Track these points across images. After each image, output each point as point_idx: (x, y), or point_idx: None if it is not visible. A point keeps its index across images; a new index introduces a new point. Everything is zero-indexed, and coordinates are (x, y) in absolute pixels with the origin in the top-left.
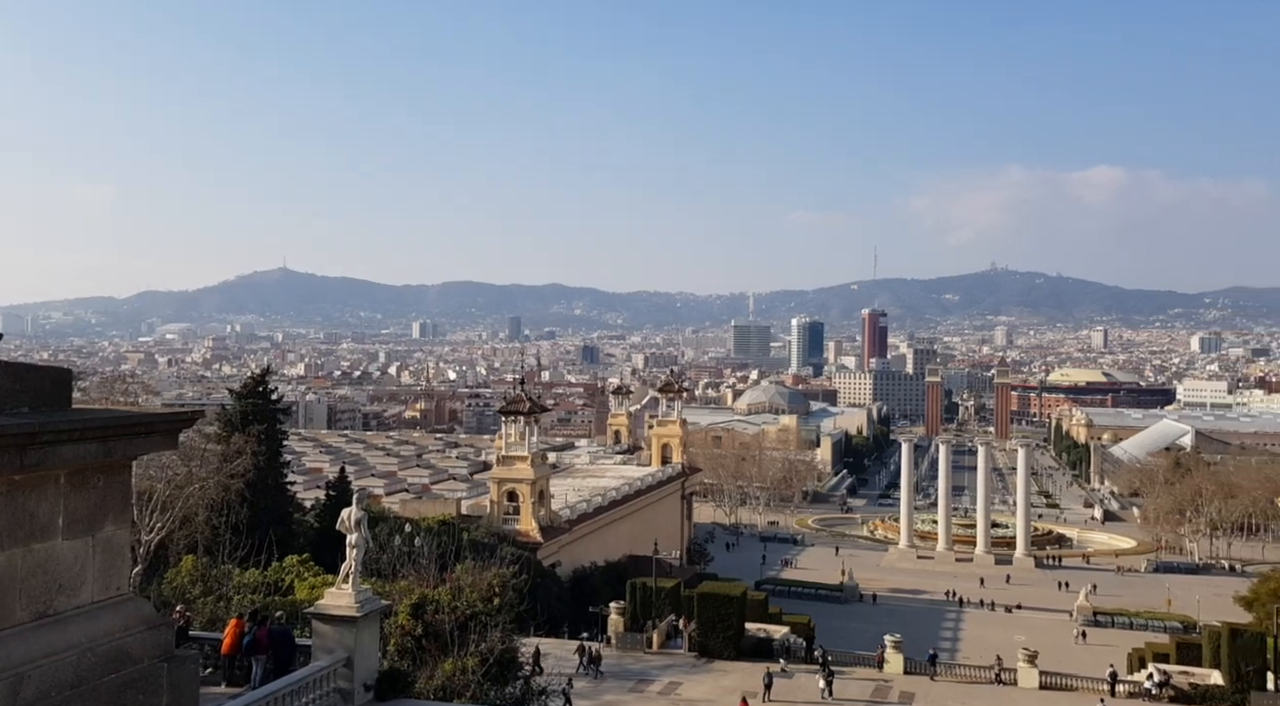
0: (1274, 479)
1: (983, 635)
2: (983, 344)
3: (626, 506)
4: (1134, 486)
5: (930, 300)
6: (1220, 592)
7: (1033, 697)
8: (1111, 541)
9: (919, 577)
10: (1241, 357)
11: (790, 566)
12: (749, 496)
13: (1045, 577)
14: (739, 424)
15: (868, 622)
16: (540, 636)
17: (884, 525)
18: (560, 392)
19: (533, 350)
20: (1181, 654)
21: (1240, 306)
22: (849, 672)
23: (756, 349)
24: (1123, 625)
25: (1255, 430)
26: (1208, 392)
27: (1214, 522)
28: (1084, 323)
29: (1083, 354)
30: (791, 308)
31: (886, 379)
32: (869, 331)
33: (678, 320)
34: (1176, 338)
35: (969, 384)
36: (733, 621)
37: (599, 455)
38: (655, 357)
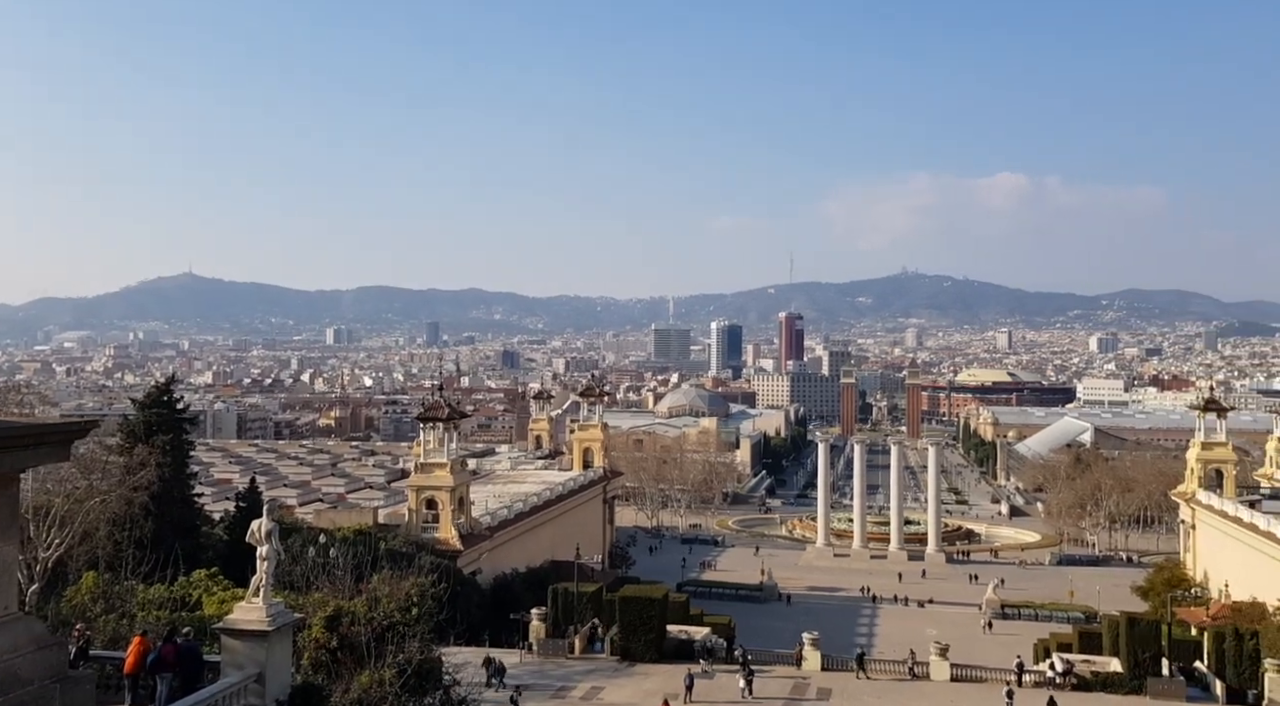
0: (1167, 473)
1: (897, 630)
2: (895, 345)
3: (548, 512)
4: (1038, 482)
5: (844, 303)
6: (1119, 583)
7: (945, 689)
8: (1018, 536)
9: (836, 575)
10: (1136, 357)
11: (711, 568)
12: (670, 499)
13: (956, 572)
14: (660, 427)
15: (787, 621)
16: (460, 645)
17: (802, 524)
18: (480, 398)
19: (451, 355)
20: (1084, 643)
21: (1135, 308)
22: (769, 671)
23: (677, 352)
24: (1029, 617)
25: (1150, 426)
26: (1105, 391)
27: (1113, 516)
28: (990, 324)
29: (989, 354)
30: (711, 311)
31: (803, 381)
32: (786, 334)
33: (599, 324)
34: (1076, 338)
35: (882, 384)
36: (654, 624)
37: (520, 460)
38: (576, 362)
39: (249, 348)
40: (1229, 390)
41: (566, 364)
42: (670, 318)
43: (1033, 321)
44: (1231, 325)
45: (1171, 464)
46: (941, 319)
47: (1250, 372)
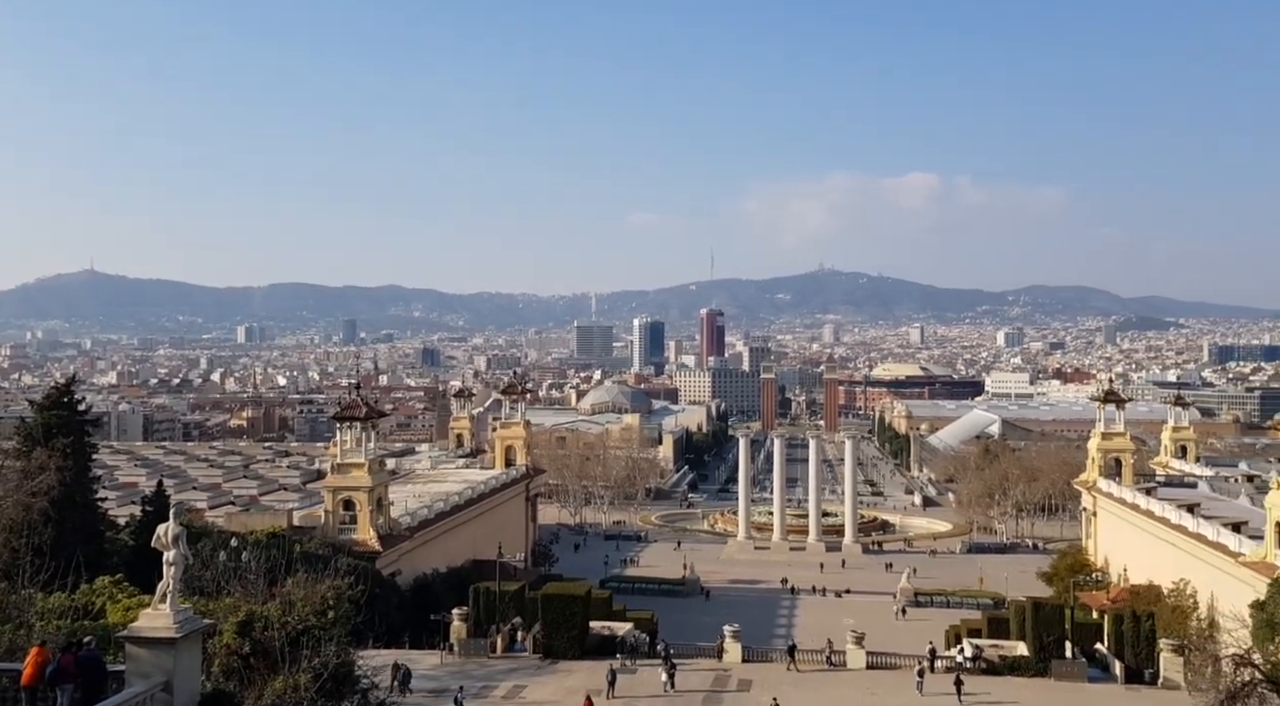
0: (1070, 462)
1: (815, 620)
2: (813, 341)
3: (469, 511)
4: (949, 473)
5: (764, 300)
6: (1026, 569)
7: (860, 677)
8: (930, 525)
9: (757, 568)
10: (1041, 351)
11: (633, 564)
12: (593, 496)
13: (872, 562)
14: (583, 424)
15: (708, 614)
16: (379, 648)
17: (723, 518)
18: (399, 397)
19: (369, 353)
20: (992, 628)
21: (1039, 304)
22: (691, 664)
23: (599, 349)
24: (941, 604)
25: (1054, 418)
26: (1012, 384)
27: (1019, 504)
28: (903, 320)
29: (903, 349)
30: (633, 308)
31: (724, 376)
32: (707, 330)
33: (520, 321)
34: (984, 333)
35: (801, 380)
36: (577, 621)
37: (441, 459)
38: (498, 359)
39: (155, 347)
40: (1127, 382)
41: (488, 361)
42: (593, 314)
43: (944, 317)
44: (1129, 320)
45: (1074, 453)
46: (857, 315)
47: (1146, 365)
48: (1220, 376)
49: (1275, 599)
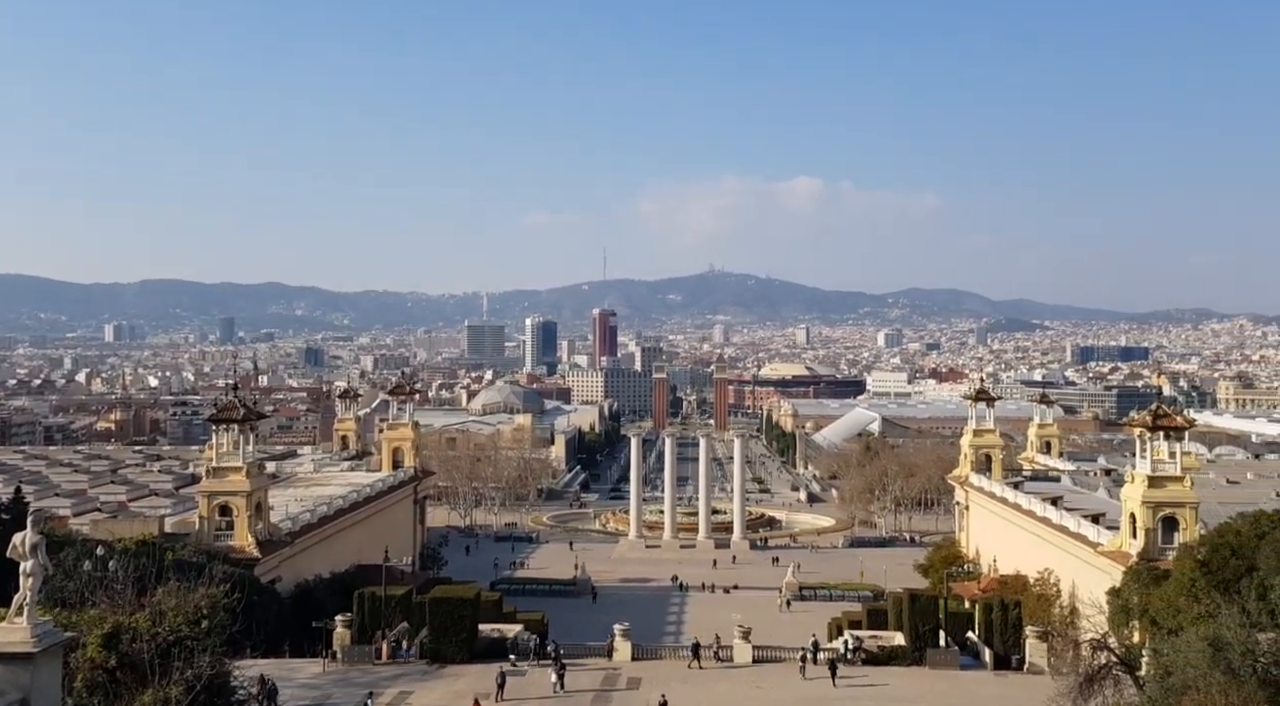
0: (945, 458)
1: (704, 616)
2: (704, 341)
3: (355, 514)
4: (833, 470)
5: (656, 300)
6: (903, 562)
7: (747, 670)
8: (815, 521)
9: (648, 566)
10: (918, 351)
11: (524, 565)
12: (484, 497)
13: (760, 558)
14: (474, 425)
15: (600, 614)
16: (256, 657)
17: (615, 518)
18: (281, 398)
19: (248, 353)
20: (872, 619)
21: (916, 306)
22: (581, 664)
23: (491, 349)
24: (824, 597)
25: (930, 416)
26: (892, 383)
27: (898, 499)
28: (790, 321)
29: (789, 350)
30: (525, 307)
31: (617, 376)
32: (600, 330)
33: (409, 320)
34: (866, 334)
35: (692, 379)
36: (466, 624)
37: (325, 462)
38: (386, 359)
39: (14, 345)
40: (997, 381)
41: (375, 361)
42: (484, 314)
43: (828, 318)
44: (999, 322)
45: (949, 450)
46: (746, 316)
47: (1015, 365)
48: (1081, 376)
49: (1130, 586)
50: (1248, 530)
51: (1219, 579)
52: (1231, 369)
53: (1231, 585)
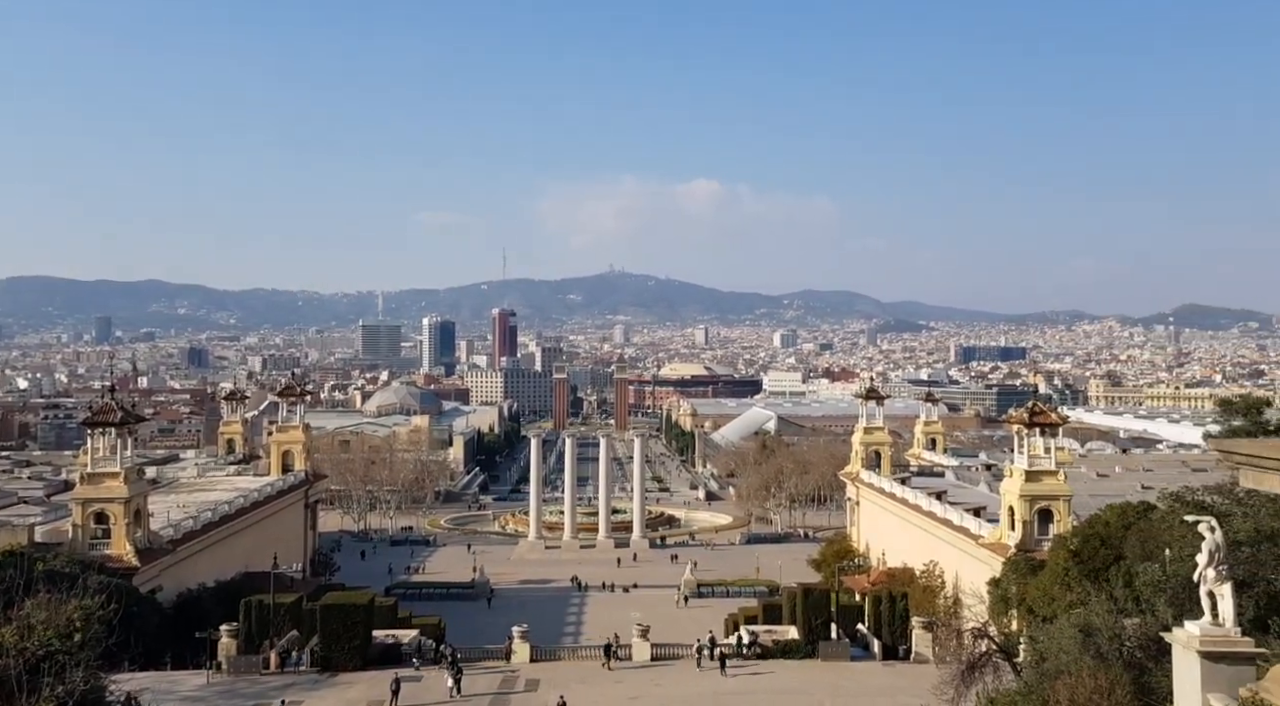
0: (837, 455)
1: (604, 616)
2: (604, 341)
3: (241, 520)
4: (730, 468)
5: (556, 300)
6: (798, 558)
7: (645, 668)
8: (713, 519)
9: (547, 567)
10: (812, 351)
11: (420, 569)
12: (380, 501)
13: (659, 556)
14: (368, 426)
15: (498, 616)
16: (135, 671)
17: (514, 519)
18: (162, 400)
19: (126, 354)
20: (767, 614)
21: (810, 307)
22: (478, 667)
23: (387, 349)
24: (721, 594)
25: (823, 414)
26: (787, 383)
27: (793, 496)
28: (689, 322)
29: (689, 350)
30: (423, 307)
31: (517, 377)
32: (499, 330)
33: (300, 320)
34: (762, 335)
35: (592, 380)
36: (359, 630)
37: (209, 467)
38: (275, 360)
39: None
40: (886, 381)
41: (264, 362)
42: (379, 313)
43: (726, 319)
44: (888, 323)
45: (841, 447)
46: (646, 316)
47: (903, 364)
48: (964, 375)
49: (1008, 576)
50: (1116, 521)
51: (1090, 568)
52: (1101, 368)
53: (1101, 573)
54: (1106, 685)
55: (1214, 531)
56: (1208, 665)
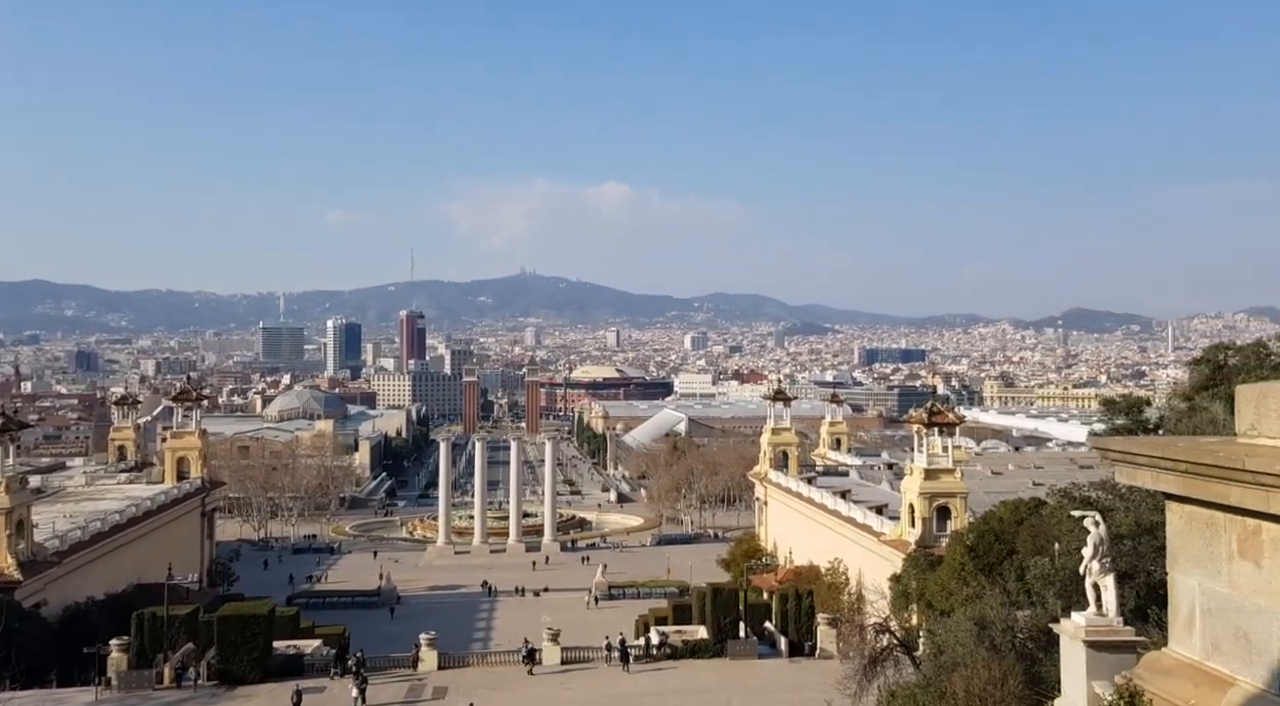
0: (746, 456)
1: (514, 620)
2: (515, 344)
3: (133, 530)
4: (642, 470)
5: (466, 302)
6: (708, 558)
7: (556, 672)
8: (624, 520)
9: (457, 573)
10: (722, 354)
11: (323, 578)
12: (282, 508)
13: (570, 559)
14: (270, 432)
15: (406, 624)
16: (16, 689)
17: (423, 524)
18: (48, 406)
19: (9, 357)
20: (677, 615)
21: (720, 310)
22: (385, 676)
23: (289, 352)
24: (632, 595)
25: (733, 416)
26: (698, 385)
27: (703, 497)
28: (601, 324)
29: (600, 352)
30: (327, 308)
31: (426, 380)
32: (407, 333)
33: (196, 322)
34: (673, 337)
35: (503, 382)
36: (259, 641)
37: (99, 475)
38: (170, 363)
39: None
40: (793, 382)
41: (158, 365)
42: (281, 315)
43: (637, 321)
44: (795, 325)
45: (750, 448)
46: (558, 318)
47: (809, 366)
48: (868, 376)
49: (909, 572)
50: (1009, 517)
51: (985, 562)
52: (996, 369)
53: (995, 568)
54: (1000, 676)
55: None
56: (1093, 654)
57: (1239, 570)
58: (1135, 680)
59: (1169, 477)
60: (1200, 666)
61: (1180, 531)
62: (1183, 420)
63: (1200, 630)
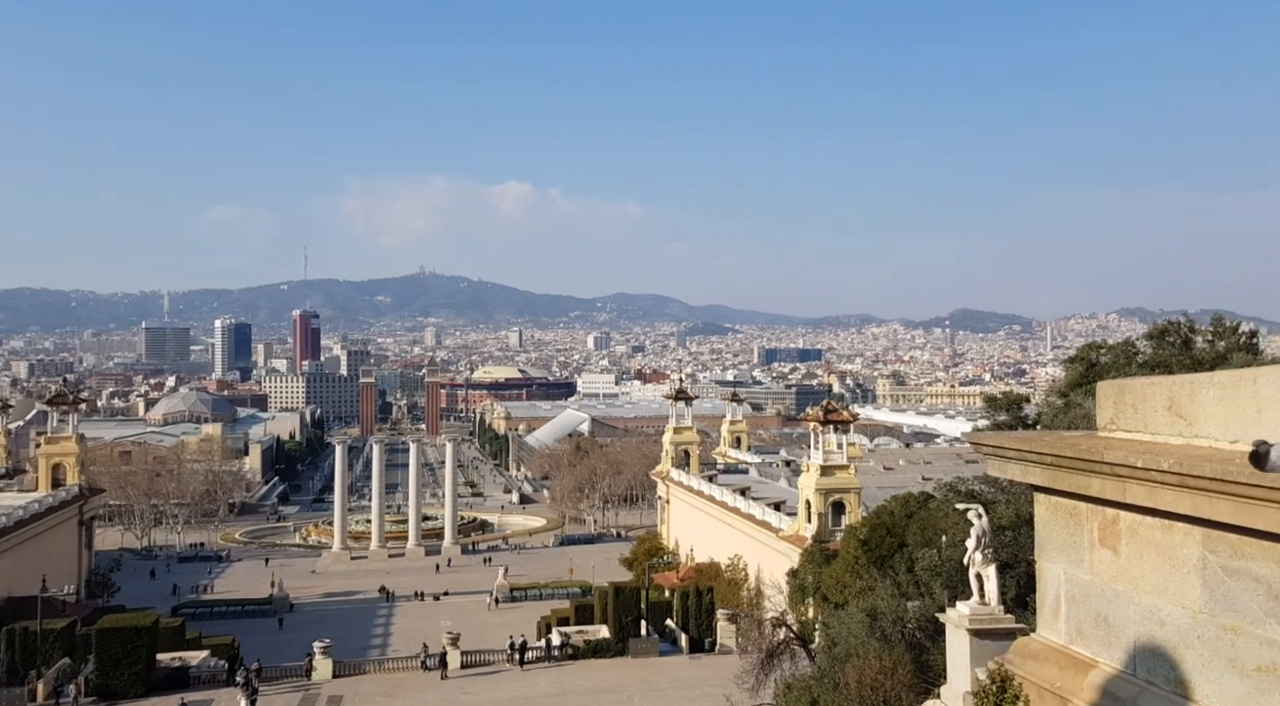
0: (649, 455)
1: (414, 626)
2: (414, 344)
3: (3, 541)
4: (545, 470)
5: (363, 302)
6: (611, 557)
7: (456, 677)
8: (526, 522)
9: (354, 578)
10: (625, 354)
11: (210, 588)
12: (166, 515)
13: (472, 562)
14: (153, 436)
15: (300, 632)
16: None
17: (318, 530)
18: None
19: None
20: (579, 615)
21: (623, 310)
22: (276, 687)
23: (174, 353)
24: (534, 597)
25: (635, 415)
26: (601, 385)
27: (606, 496)
28: (503, 324)
29: (502, 353)
30: (215, 308)
31: (320, 381)
32: (301, 333)
33: (74, 322)
34: (576, 337)
35: (402, 383)
36: (142, 654)
37: None
38: (45, 365)
39: None
40: (695, 382)
41: (31, 367)
42: (166, 315)
43: (540, 321)
44: (696, 325)
45: (652, 447)
46: (459, 318)
47: (710, 366)
48: (767, 376)
49: (805, 566)
50: (900, 510)
51: (877, 555)
52: (888, 368)
53: (887, 560)
54: (890, 665)
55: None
56: (976, 641)
57: (1099, 558)
58: (1006, 665)
59: (1036, 470)
60: (1065, 650)
61: (1047, 522)
62: (1058, 416)
63: (1065, 616)
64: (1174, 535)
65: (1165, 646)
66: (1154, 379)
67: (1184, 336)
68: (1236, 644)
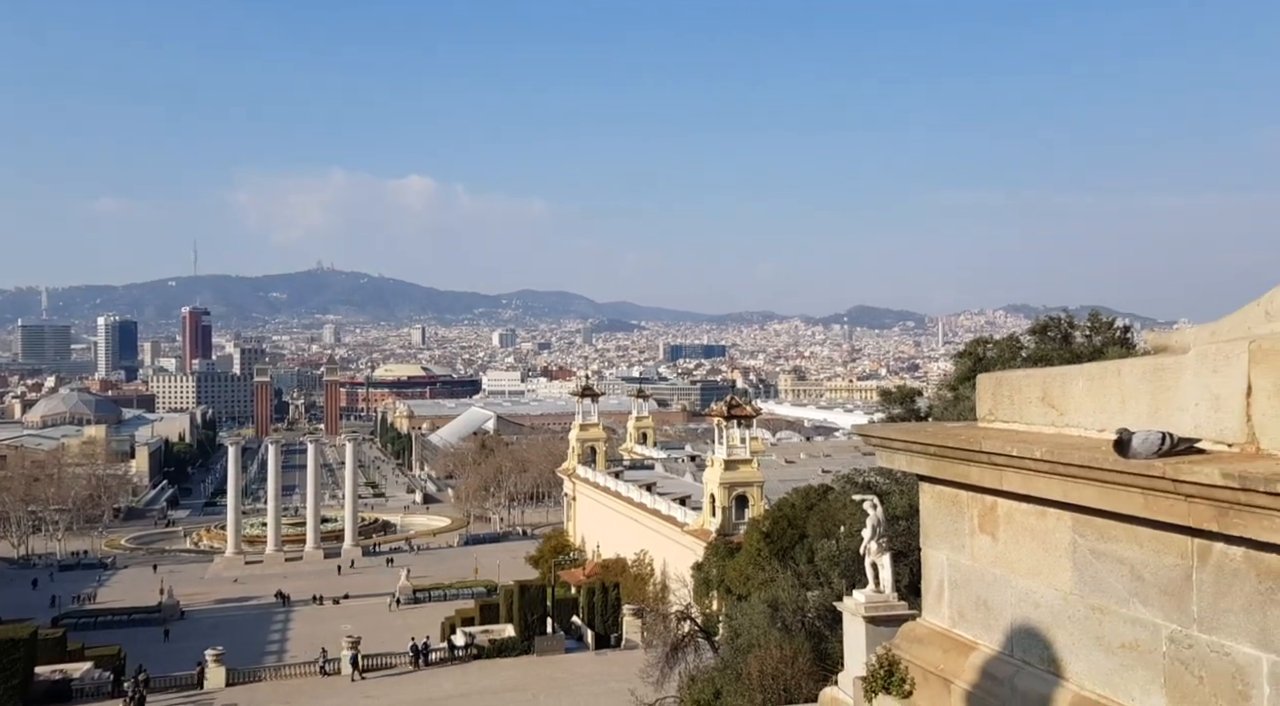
0: (555, 453)
1: (312, 630)
2: (312, 342)
3: None
4: (449, 469)
5: (257, 298)
6: (517, 556)
7: (356, 681)
8: (430, 522)
9: (249, 584)
10: (531, 351)
11: (93, 597)
12: (46, 522)
13: (373, 564)
14: (30, 439)
15: (191, 640)
16: None
17: (210, 534)
18: None
19: None
20: (484, 614)
21: (529, 307)
22: (167, 696)
23: (53, 352)
24: (439, 597)
25: (542, 412)
26: (506, 382)
27: (512, 495)
28: (405, 321)
29: (405, 350)
30: (98, 305)
31: (212, 381)
32: (190, 331)
33: None
34: (481, 334)
35: (299, 382)
36: (18, 668)
37: None
38: None
39: None
40: (601, 378)
41: None
42: (44, 312)
43: (444, 318)
44: (603, 322)
45: (559, 444)
46: (359, 315)
47: (616, 363)
48: (672, 372)
49: (710, 560)
50: (800, 503)
51: (779, 547)
52: (789, 364)
53: (788, 552)
54: (791, 654)
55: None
56: (871, 628)
57: (979, 543)
58: (894, 649)
59: (920, 460)
60: (948, 633)
61: (931, 510)
62: (948, 408)
63: (949, 600)
64: (1047, 520)
65: (1039, 627)
66: (1029, 371)
67: (1064, 332)
68: (1103, 623)
